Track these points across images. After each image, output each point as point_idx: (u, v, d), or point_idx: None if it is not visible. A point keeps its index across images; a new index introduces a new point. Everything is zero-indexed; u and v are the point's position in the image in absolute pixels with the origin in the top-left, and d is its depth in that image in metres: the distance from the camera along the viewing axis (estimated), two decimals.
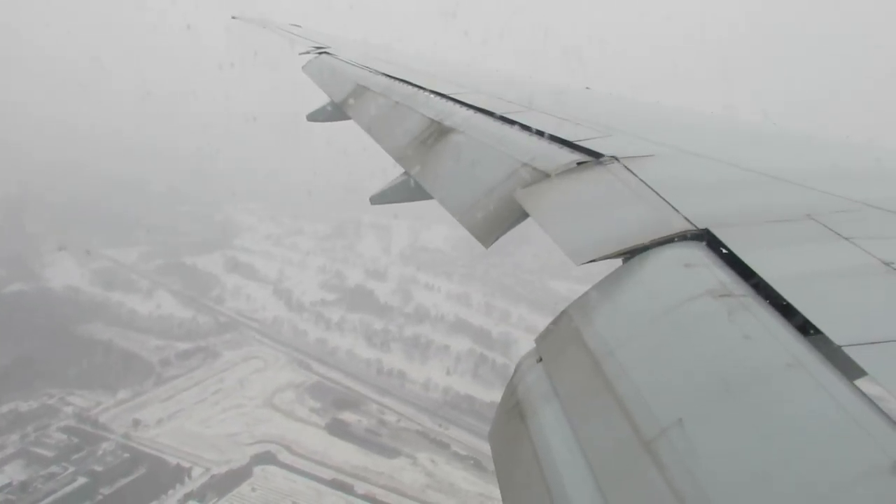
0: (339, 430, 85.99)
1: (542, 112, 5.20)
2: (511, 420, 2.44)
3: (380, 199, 5.59)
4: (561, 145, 4.28)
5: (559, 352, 2.54)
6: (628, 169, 3.67)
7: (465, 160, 4.79)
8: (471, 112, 5.49)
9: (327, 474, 77.69)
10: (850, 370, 1.81)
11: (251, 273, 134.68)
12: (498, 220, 3.83)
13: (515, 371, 2.66)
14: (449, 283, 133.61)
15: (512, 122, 4.98)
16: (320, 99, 8.27)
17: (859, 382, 1.80)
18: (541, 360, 2.58)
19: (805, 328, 2.03)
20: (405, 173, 5.35)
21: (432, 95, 6.25)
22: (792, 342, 1.96)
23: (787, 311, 2.13)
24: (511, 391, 2.56)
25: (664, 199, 3.14)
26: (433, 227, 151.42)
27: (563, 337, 2.58)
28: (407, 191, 5.30)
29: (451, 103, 5.86)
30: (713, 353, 2.07)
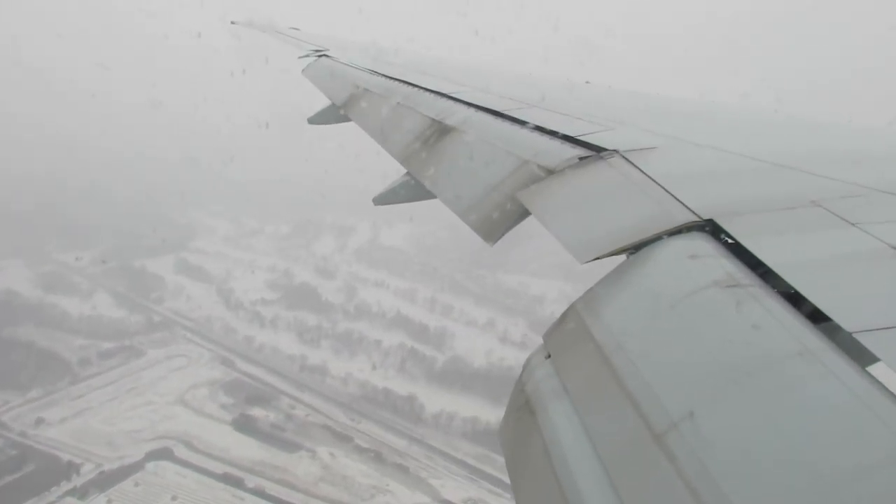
0: (244, 425, 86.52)
1: (542, 108, 5.19)
2: (521, 417, 2.42)
3: (382, 199, 5.58)
4: (562, 140, 4.26)
5: (567, 347, 2.53)
6: (630, 162, 3.65)
7: (466, 158, 4.78)
8: (471, 110, 5.49)
9: (220, 469, 78.02)
10: (861, 357, 1.80)
11: (199, 274, 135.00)
12: (501, 218, 3.83)
13: (524, 368, 2.64)
14: (398, 280, 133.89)
15: (512, 119, 4.97)
16: (321, 102, 8.28)
17: (871, 368, 1.78)
18: (549, 356, 2.56)
19: (814, 316, 2.01)
20: (407, 173, 5.34)
21: (432, 95, 6.25)
22: (802, 330, 1.94)
23: (795, 299, 2.11)
24: (520, 388, 2.55)
25: (667, 191, 3.12)
26: (396, 225, 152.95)
27: (570, 332, 2.57)
28: (409, 191, 5.30)
29: (450, 102, 5.86)
30: (722, 345, 2.05)
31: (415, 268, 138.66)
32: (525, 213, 3.76)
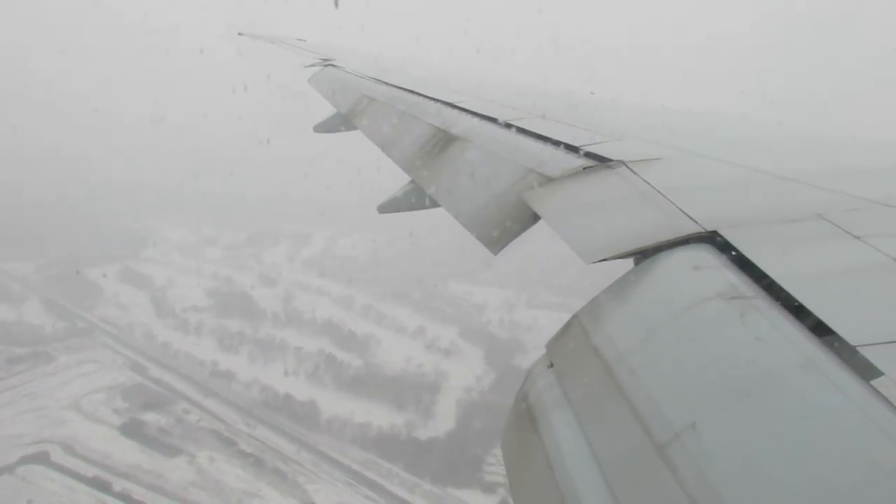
0: (132, 430, 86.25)
1: (546, 118, 5.20)
2: (522, 426, 2.42)
3: (387, 207, 5.60)
4: (567, 150, 4.27)
5: (570, 357, 2.52)
6: (635, 173, 3.66)
7: (471, 167, 4.79)
8: (476, 119, 5.50)
9: (92, 473, 77.57)
10: (865, 370, 1.79)
11: (139, 282, 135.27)
12: (505, 227, 3.83)
13: (526, 377, 2.64)
14: (341, 289, 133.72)
15: (517, 129, 4.98)
16: (327, 110, 8.33)
17: (875, 382, 1.78)
18: (552, 365, 2.56)
19: (818, 329, 2.01)
20: (412, 182, 5.36)
21: (437, 104, 6.27)
22: (805, 343, 1.93)
23: (799, 311, 2.10)
24: (522, 397, 2.55)
25: (672, 202, 3.12)
26: (355, 234, 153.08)
27: (573, 342, 2.56)
28: (413, 199, 5.31)
29: (456, 111, 5.87)
30: (725, 356, 2.05)
31: (362, 276, 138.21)
32: (528, 224, 3.76)
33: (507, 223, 3.84)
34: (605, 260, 2.82)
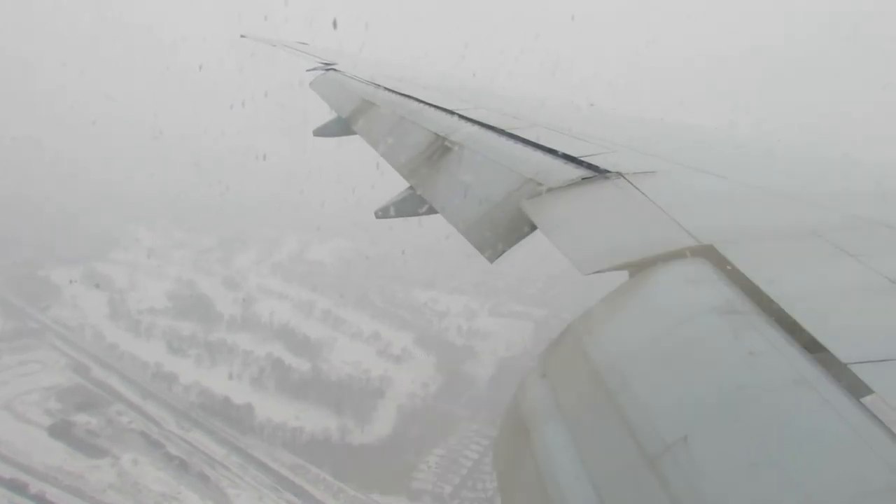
0: (60, 431, 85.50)
1: (546, 128, 5.22)
2: (514, 436, 2.42)
3: (384, 213, 5.60)
4: (565, 161, 4.29)
5: (563, 368, 2.53)
6: (633, 185, 3.67)
7: (469, 176, 4.80)
8: (476, 128, 5.52)
9: (10, 474, 76.91)
10: (856, 388, 1.80)
11: (101, 283, 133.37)
12: (502, 236, 3.84)
13: (519, 387, 2.64)
14: (304, 293, 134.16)
15: (516, 138, 5.00)
16: (327, 115, 8.34)
17: (866, 400, 1.78)
18: (545, 375, 2.56)
19: (811, 346, 2.02)
20: (410, 188, 5.37)
21: (437, 111, 6.28)
22: (798, 359, 1.94)
23: (792, 328, 2.11)
24: (514, 407, 2.55)
25: (668, 215, 3.14)
26: (331, 240, 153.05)
27: (567, 353, 2.57)
28: (412, 205, 5.32)
29: (456, 119, 5.89)
30: (718, 371, 2.05)
31: (328, 282, 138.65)
32: (525, 233, 3.77)
33: (505, 232, 3.85)
34: (601, 272, 2.83)
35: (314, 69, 9.73)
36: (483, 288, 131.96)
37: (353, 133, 7.33)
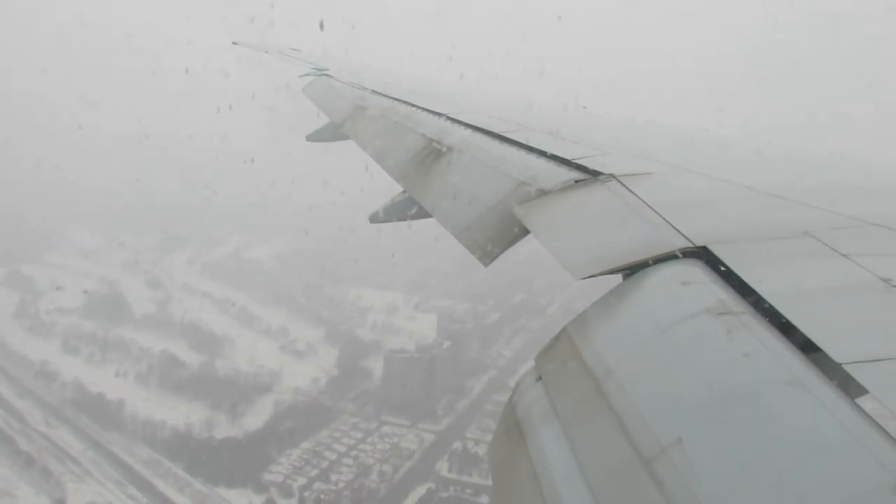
0: None
1: (539, 131, 5.23)
2: (510, 438, 2.41)
3: (378, 217, 5.60)
4: (558, 163, 4.29)
5: (558, 370, 2.52)
6: (625, 186, 3.68)
7: (463, 179, 4.80)
8: (469, 131, 5.52)
9: None
10: (850, 388, 1.80)
11: (20, 284, 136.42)
12: (496, 239, 3.83)
13: (514, 389, 2.64)
14: (227, 291, 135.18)
15: (510, 141, 5.00)
16: (320, 120, 8.32)
17: (860, 400, 1.78)
18: (540, 378, 2.56)
19: (805, 346, 2.02)
20: (403, 192, 5.36)
21: (430, 115, 6.28)
22: (792, 360, 1.94)
23: (786, 328, 2.11)
24: (510, 409, 2.54)
25: (662, 217, 3.14)
26: (272, 241, 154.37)
27: (562, 355, 2.56)
28: (405, 209, 5.31)
29: (449, 123, 5.89)
30: (712, 372, 2.05)
31: (256, 280, 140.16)
32: (519, 236, 3.77)
33: (498, 235, 3.84)
34: (594, 276, 2.82)
35: (306, 74, 9.72)
36: (412, 285, 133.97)
37: (346, 138, 7.32)
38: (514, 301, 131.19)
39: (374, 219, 5.66)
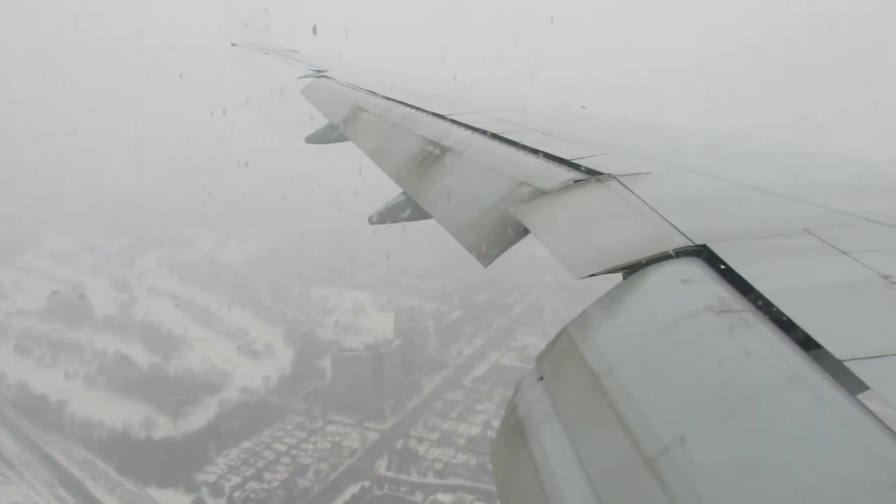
0: None
1: (538, 131, 5.23)
2: (512, 439, 2.41)
3: (378, 219, 5.60)
4: (558, 164, 4.29)
5: (559, 370, 2.52)
6: (625, 186, 3.68)
7: (462, 180, 4.80)
8: (468, 132, 5.52)
9: None
10: (852, 384, 1.80)
11: None
12: (496, 239, 3.84)
13: (516, 390, 2.64)
14: (193, 292, 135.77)
15: (509, 142, 5.00)
16: (319, 121, 8.33)
17: (862, 396, 1.79)
18: (541, 378, 2.56)
19: (806, 343, 2.02)
20: (403, 193, 5.36)
21: (429, 116, 6.29)
22: (793, 357, 1.94)
23: (787, 326, 2.12)
24: (512, 410, 2.54)
25: (661, 216, 3.14)
26: (249, 242, 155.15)
27: (563, 355, 2.56)
28: (405, 210, 5.31)
29: (448, 123, 5.89)
30: (714, 370, 2.05)
31: (224, 281, 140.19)
32: (519, 236, 3.77)
33: (499, 236, 3.85)
34: (594, 275, 2.82)
35: (305, 76, 9.72)
36: (388, 283, 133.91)
37: (346, 139, 7.32)
38: (479, 300, 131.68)
39: (374, 220, 5.66)
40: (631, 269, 2.77)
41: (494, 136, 5.21)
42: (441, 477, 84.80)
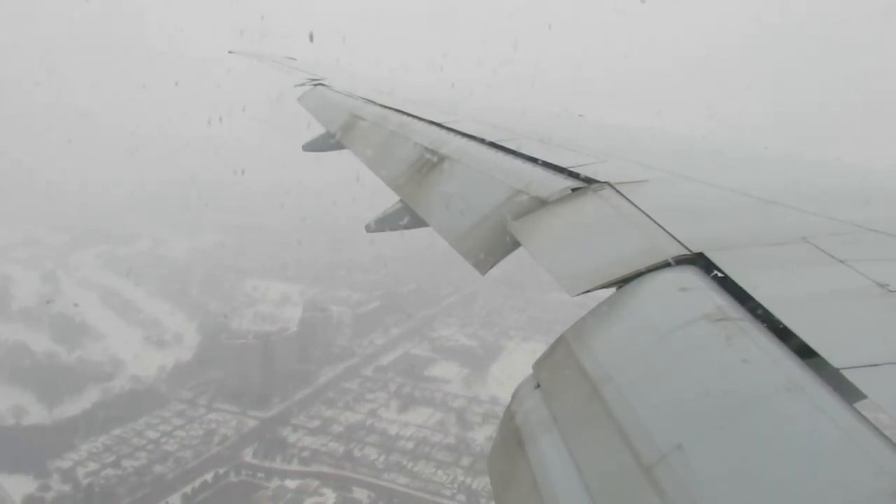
0: None
1: (535, 139, 5.24)
2: (509, 447, 2.40)
3: (375, 226, 5.59)
4: (554, 172, 4.30)
5: (557, 378, 2.52)
6: (622, 194, 3.68)
7: (459, 188, 4.81)
8: (465, 140, 5.53)
9: None
10: (849, 393, 1.80)
11: None
12: (493, 248, 3.83)
13: (513, 398, 2.63)
14: (123, 285, 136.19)
15: (505, 150, 5.01)
16: (316, 130, 8.34)
17: (859, 405, 1.79)
18: (538, 386, 2.55)
19: (803, 351, 2.02)
20: (400, 201, 5.36)
21: (426, 124, 6.30)
22: (790, 365, 1.94)
23: (784, 334, 2.12)
24: (509, 418, 2.53)
25: (658, 224, 3.14)
26: (197, 238, 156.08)
27: (560, 363, 2.56)
28: (402, 218, 5.31)
29: (444, 132, 5.90)
30: (711, 378, 2.05)
31: (158, 275, 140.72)
32: (516, 244, 3.77)
33: (495, 244, 3.84)
34: (590, 291, 2.81)
35: (302, 84, 9.74)
36: (326, 276, 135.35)
37: (343, 147, 7.33)
38: (404, 290, 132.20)
39: (370, 228, 5.66)
40: (627, 282, 2.77)
41: (491, 144, 5.22)
42: (305, 464, 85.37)
